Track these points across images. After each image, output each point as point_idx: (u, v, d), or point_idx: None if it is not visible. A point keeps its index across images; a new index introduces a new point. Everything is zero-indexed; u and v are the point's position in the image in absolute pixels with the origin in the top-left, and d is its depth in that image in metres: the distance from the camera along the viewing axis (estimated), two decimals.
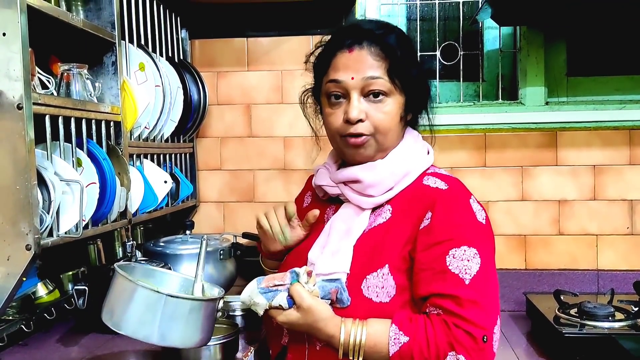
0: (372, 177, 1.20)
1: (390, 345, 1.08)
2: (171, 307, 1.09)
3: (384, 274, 1.14)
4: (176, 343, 1.12)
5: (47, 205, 1.29)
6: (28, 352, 1.46)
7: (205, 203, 2.33)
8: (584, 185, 2.15)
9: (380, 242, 1.18)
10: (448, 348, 1.06)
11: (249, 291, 1.15)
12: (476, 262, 1.11)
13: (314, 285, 1.13)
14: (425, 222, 1.16)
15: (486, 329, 1.07)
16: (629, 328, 1.68)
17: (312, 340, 1.18)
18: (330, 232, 1.24)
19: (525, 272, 2.15)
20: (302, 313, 1.10)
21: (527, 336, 1.90)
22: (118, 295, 1.13)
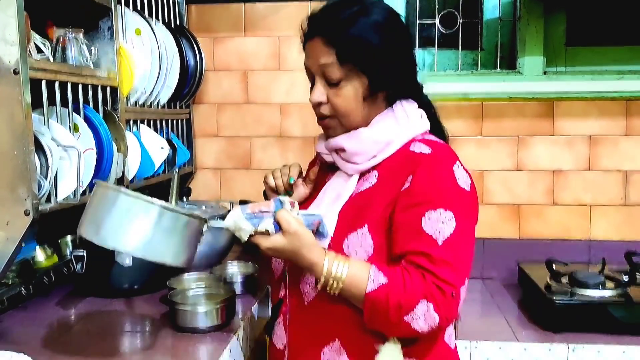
0: (356, 146, 1.24)
1: (369, 282, 1.12)
2: (163, 219, 1.05)
3: (363, 233, 1.18)
4: (164, 258, 1.07)
5: (44, 171, 1.29)
6: (28, 315, 1.47)
7: (202, 170, 2.33)
8: (579, 156, 2.16)
9: (364, 204, 1.22)
10: (421, 296, 1.10)
11: (234, 217, 1.13)
12: (451, 225, 1.14)
13: (298, 215, 1.14)
14: (406, 185, 1.19)
15: (455, 286, 1.12)
16: (619, 297, 1.71)
17: (302, 294, 1.24)
18: (322, 199, 1.29)
19: (518, 242, 2.18)
20: (288, 238, 1.12)
21: (518, 304, 1.93)
22: (102, 207, 1.06)
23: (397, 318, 1.11)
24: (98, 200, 1.08)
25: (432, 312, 1.10)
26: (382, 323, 1.14)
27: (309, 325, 1.24)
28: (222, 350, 1.27)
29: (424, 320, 1.10)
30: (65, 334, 1.36)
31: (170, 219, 1.07)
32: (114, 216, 1.04)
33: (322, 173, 1.38)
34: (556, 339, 1.63)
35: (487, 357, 1.62)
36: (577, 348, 1.59)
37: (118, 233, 1.04)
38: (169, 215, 1.07)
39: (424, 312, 1.10)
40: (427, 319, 1.10)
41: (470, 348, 1.62)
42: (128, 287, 1.62)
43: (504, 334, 1.67)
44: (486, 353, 1.62)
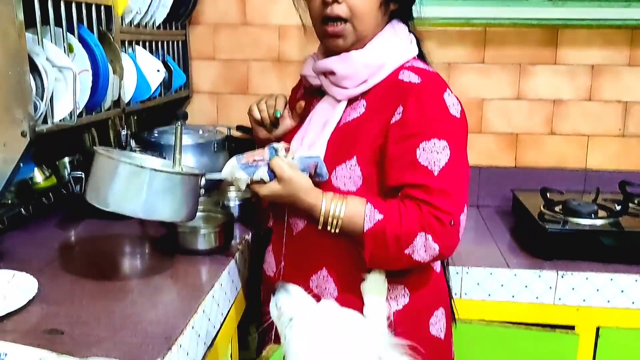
0: (346, 69, 1.21)
1: (366, 221, 1.13)
2: (155, 182, 1.11)
3: (352, 165, 1.19)
4: (162, 217, 1.15)
5: (40, 92, 1.27)
6: (28, 235, 1.50)
7: (198, 94, 2.30)
8: (580, 86, 2.14)
9: (351, 135, 1.21)
10: (418, 228, 1.11)
11: (230, 167, 1.17)
12: (445, 154, 1.14)
13: (293, 159, 1.16)
14: (397, 117, 1.17)
15: (453, 214, 1.13)
16: (611, 226, 1.74)
17: (291, 220, 1.26)
18: (309, 125, 1.27)
19: (515, 170, 2.19)
20: (283, 184, 1.15)
21: (511, 232, 1.97)
22: (102, 174, 1.13)
23: (398, 252, 1.13)
24: (95, 166, 1.15)
25: (431, 242, 1.12)
26: (384, 259, 1.15)
27: (297, 254, 1.27)
28: (221, 272, 1.30)
29: (425, 251, 1.12)
30: (66, 254, 1.39)
31: (162, 181, 1.12)
32: (109, 182, 1.11)
33: (307, 98, 1.35)
34: (546, 265, 1.67)
35: (477, 282, 1.66)
36: (566, 275, 1.63)
37: (115, 197, 1.11)
38: (161, 177, 1.12)
39: (423, 243, 1.12)
40: (427, 250, 1.12)
41: (462, 273, 1.66)
42: None
43: (495, 260, 1.71)
44: (477, 278, 1.66)
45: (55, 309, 1.09)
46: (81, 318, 1.06)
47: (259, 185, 1.17)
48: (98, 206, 1.12)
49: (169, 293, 1.21)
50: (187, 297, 1.18)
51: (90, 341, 0.97)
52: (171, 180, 1.14)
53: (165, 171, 1.15)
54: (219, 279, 1.27)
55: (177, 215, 1.16)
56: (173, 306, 1.14)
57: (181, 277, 1.29)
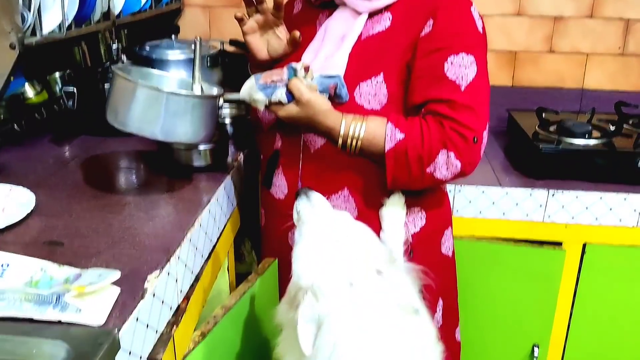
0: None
1: (387, 141, 1.12)
2: (173, 105, 1.11)
3: (378, 82, 1.16)
4: (181, 139, 1.16)
5: (27, 3, 1.23)
6: (23, 151, 1.49)
7: (190, 7, 2.23)
8: (582, 1, 2.09)
9: (377, 50, 1.17)
10: (440, 145, 1.11)
11: (248, 88, 1.15)
12: (473, 70, 1.12)
13: (312, 80, 1.13)
14: (426, 30, 1.14)
15: (477, 131, 1.12)
16: (604, 146, 1.75)
17: (306, 140, 1.23)
18: (325, 36, 1.22)
19: (511, 89, 2.18)
20: (301, 107, 1.12)
21: (504, 151, 1.98)
22: (120, 96, 1.12)
23: (419, 171, 1.12)
24: (113, 87, 1.15)
25: (453, 159, 1.11)
26: (406, 179, 1.15)
27: (315, 173, 1.24)
28: (217, 187, 1.31)
29: (447, 169, 1.12)
30: (62, 169, 1.39)
31: (180, 103, 1.12)
32: (127, 104, 1.11)
33: (309, 12, 1.30)
34: (538, 184, 1.69)
35: (469, 200, 1.69)
36: (556, 193, 1.66)
37: (134, 119, 1.12)
38: (179, 99, 1.12)
39: (445, 161, 1.11)
40: (449, 167, 1.12)
41: (454, 192, 1.69)
42: None
43: (488, 179, 1.73)
44: (468, 196, 1.68)
45: (54, 221, 1.10)
46: (80, 230, 1.07)
47: (277, 107, 1.14)
48: (117, 127, 1.14)
49: (166, 207, 1.22)
50: (183, 211, 1.19)
51: (89, 252, 0.99)
52: (189, 102, 1.13)
53: (183, 94, 1.15)
54: (215, 194, 1.28)
55: (195, 137, 1.17)
56: (170, 220, 1.15)
57: (177, 192, 1.30)
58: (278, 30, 1.27)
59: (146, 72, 1.31)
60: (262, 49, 1.28)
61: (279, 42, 1.27)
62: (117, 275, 0.85)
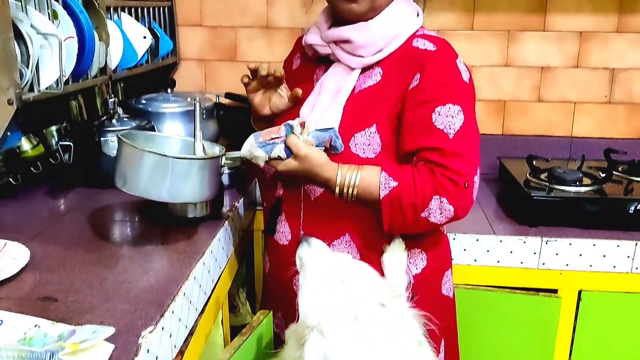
0: (363, 38, 1.21)
1: (381, 189, 1.16)
2: (178, 168, 1.17)
3: (371, 133, 1.20)
4: (187, 199, 1.24)
5: (25, 60, 1.26)
6: (18, 205, 1.50)
7: (185, 61, 2.28)
8: (568, 52, 2.14)
9: (369, 102, 1.22)
10: (433, 192, 1.15)
11: (248, 146, 1.20)
12: (460, 119, 1.16)
13: (308, 135, 1.18)
14: (414, 83, 1.19)
15: (467, 176, 1.16)
16: (595, 193, 1.77)
17: (307, 191, 1.26)
18: (320, 91, 1.27)
19: (502, 137, 2.21)
20: (299, 161, 1.17)
21: (497, 198, 1.99)
22: (128, 163, 1.20)
23: (414, 216, 1.16)
24: (121, 154, 1.22)
25: (446, 204, 1.15)
26: (401, 224, 1.18)
27: (316, 220, 1.27)
28: (212, 239, 1.32)
29: (440, 213, 1.16)
30: (56, 223, 1.39)
31: (185, 166, 1.18)
32: (134, 169, 1.18)
33: (307, 67, 1.35)
34: (531, 232, 1.70)
35: (464, 248, 1.69)
36: (550, 241, 1.67)
37: (141, 184, 1.18)
38: (184, 163, 1.18)
39: (438, 206, 1.15)
40: (443, 212, 1.16)
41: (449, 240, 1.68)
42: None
43: (482, 227, 1.74)
44: (463, 244, 1.69)
45: (48, 276, 1.10)
46: (74, 285, 1.07)
47: (276, 162, 1.19)
48: (126, 191, 1.20)
49: (160, 260, 1.22)
50: (178, 263, 1.19)
51: (83, 308, 0.98)
52: (194, 165, 1.20)
53: (187, 158, 1.21)
54: (210, 246, 1.28)
55: (201, 196, 1.24)
56: (164, 273, 1.15)
57: (172, 244, 1.30)
58: (280, 89, 1.32)
59: (150, 135, 1.37)
60: (264, 105, 1.33)
61: (280, 99, 1.32)
62: (111, 332, 0.85)
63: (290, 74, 1.37)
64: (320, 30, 1.29)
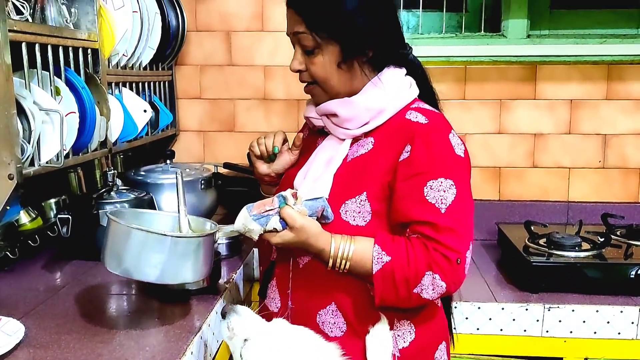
0: (347, 112, 1.24)
1: (374, 264, 1.15)
2: (178, 247, 1.13)
3: (362, 200, 1.21)
4: (187, 279, 1.18)
5: (27, 135, 1.28)
6: (14, 278, 1.48)
7: (185, 132, 2.32)
8: (560, 120, 2.19)
9: (360, 171, 1.24)
10: (426, 268, 1.14)
11: (242, 219, 1.19)
12: (452, 193, 1.16)
13: (301, 206, 1.18)
14: (405, 155, 1.20)
15: (460, 252, 1.15)
16: (594, 258, 1.76)
17: (296, 257, 1.26)
18: (313, 161, 1.30)
19: (498, 203, 2.22)
20: (295, 232, 1.17)
21: (497, 264, 1.98)
22: (121, 243, 1.13)
23: (407, 292, 1.15)
24: (113, 235, 1.15)
25: (438, 281, 1.14)
26: (394, 299, 1.16)
27: (304, 288, 1.26)
28: (209, 312, 1.30)
29: (433, 289, 1.15)
30: (52, 297, 1.38)
31: (184, 245, 1.14)
32: (131, 250, 1.12)
33: (311, 138, 1.39)
34: (533, 298, 1.68)
35: (466, 316, 1.67)
36: (552, 307, 1.65)
37: (138, 266, 1.12)
38: (182, 242, 1.14)
39: (431, 282, 1.14)
40: (435, 288, 1.15)
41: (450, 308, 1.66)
42: None
43: (483, 295, 1.72)
44: (465, 313, 1.67)
45: (43, 353, 1.08)
46: None
47: (271, 235, 1.18)
48: (118, 273, 1.14)
49: (157, 335, 1.20)
50: (174, 338, 1.17)
51: None
52: (191, 243, 1.15)
53: (186, 236, 1.18)
54: (207, 320, 1.26)
55: (197, 275, 1.18)
56: (161, 348, 1.13)
57: (168, 318, 1.28)
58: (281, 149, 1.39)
59: (138, 213, 1.34)
60: (264, 166, 1.39)
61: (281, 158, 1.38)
62: None
63: None
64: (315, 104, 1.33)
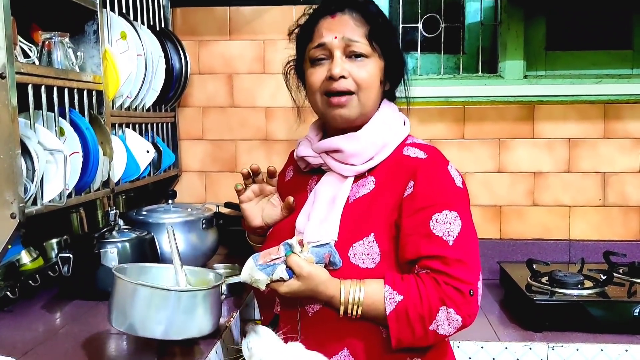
0: (353, 147, 1.25)
1: (387, 304, 1.15)
2: (182, 302, 1.13)
3: (370, 242, 1.20)
4: (193, 334, 1.17)
5: (31, 174, 1.30)
6: (13, 318, 1.48)
7: (187, 173, 2.34)
8: (559, 158, 2.21)
9: (365, 211, 1.24)
10: (439, 303, 1.13)
11: (248, 269, 1.18)
12: (457, 224, 1.18)
13: (308, 253, 1.17)
14: (409, 191, 1.22)
15: (472, 283, 1.16)
16: (597, 295, 1.75)
17: (304, 308, 1.24)
18: (315, 200, 1.28)
19: (500, 242, 2.22)
20: (302, 281, 1.15)
21: (500, 304, 1.97)
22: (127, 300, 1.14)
23: (423, 330, 1.14)
24: (119, 292, 1.16)
25: (453, 315, 1.14)
26: (410, 339, 1.16)
27: (314, 336, 1.23)
28: (208, 352, 1.29)
29: (449, 324, 1.14)
30: (52, 337, 1.37)
31: (188, 299, 1.14)
32: (136, 307, 1.12)
33: (301, 177, 1.39)
34: (536, 337, 1.67)
35: (469, 356, 1.65)
36: (556, 347, 1.63)
37: (144, 323, 1.12)
38: (186, 296, 1.14)
39: (446, 317, 1.14)
40: (451, 322, 1.14)
41: (453, 348, 1.64)
42: None
43: (486, 334, 1.70)
44: (468, 352, 1.65)
45: None
46: None
47: (278, 284, 1.17)
48: (124, 331, 1.15)
49: None
50: None
51: None
52: (197, 296, 1.15)
53: (193, 289, 1.19)
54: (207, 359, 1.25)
55: (206, 329, 1.17)
56: None
57: (169, 358, 1.27)
58: (272, 199, 1.36)
59: (143, 267, 1.34)
60: (257, 216, 1.36)
61: (273, 209, 1.35)
62: None
63: (284, 185, 1.41)
64: (311, 143, 1.34)
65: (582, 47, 2.29)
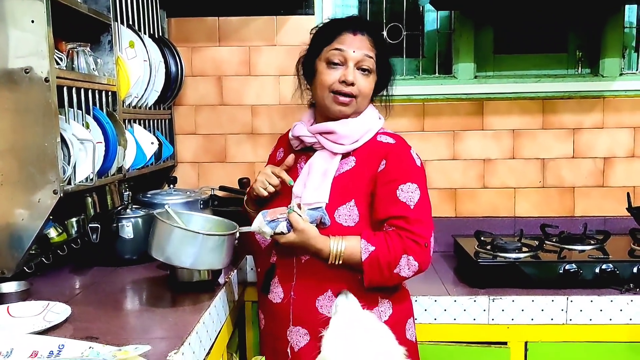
0: (345, 130, 1.60)
1: (363, 253, 1.51)
2: (208, 243, 1.48)
3: (351, 206, 1.57)
4: (214, 266, 1.54)
5: (67, 159, 1.60)
6: (50, 278, 1.80)
7: (182, 163, 2.64)
8: (504, 147, 2.56)
9: (348, 183, 1.59)
10: (402, 252, 1.50)
11: (258, 223, 1.53)
12: (417, 193, 1.55)
13: (304, 214, 1.51)
14: (381, 167, 1.58)
15: (427, 237, 1.54)
16: (531, 258, 2.10)
17: (299, 256, 1.58)
18: (310, 171, 1.61)
19: (455, 219, 2.57)
20: (297, 234, 1.51)
21: (453, 270, 2.30)
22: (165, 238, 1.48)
23: (389, 273, 1.51)
24: (159, 231, 1.51)
25: (412, 261, 1.51)
26: (379, 280, 1.52)
27: (305, 280, 1.58)
28: (214, 297, 1.61)
29: (408, 268, 1.52)
30: (84, 291, 1.68)
31: (213, 241, 1.50)
32: (172, 243, 1.48)
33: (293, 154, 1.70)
34: (480, 292, 2.00)
35: (425, 308, 1.99)
36: (496, 299, 1.97)
37: (177, 254, 1.47)
38: (212, 238, 1.50)
39: (407, 263, 1.51)
40: (410, 267, 1.52)
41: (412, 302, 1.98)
42: (130, 257, 1.95)
43: (439, 291, 2.04)
44: (424, 305, 1.98)
45: (87, 325, 1.38)
46: (110, 329, 1.35)
47: (279, 236, 1.52)
48: (161, 260, 1.49)
49: (174, 312, 1.50)
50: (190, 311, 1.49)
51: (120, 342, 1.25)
52: (219, 240, 1.51)
53: (214, 234, 1.53)
54: (213, 302, 1.57)
55: (222, 263, 1.54)
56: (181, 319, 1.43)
57: (179, 304, 1.59)
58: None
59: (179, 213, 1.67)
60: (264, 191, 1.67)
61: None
62: (148, 348, 1.13)
63: (276, 164, 1.73)
64: (305, 125, 1.66)
65: (524, 51, 2.64)
